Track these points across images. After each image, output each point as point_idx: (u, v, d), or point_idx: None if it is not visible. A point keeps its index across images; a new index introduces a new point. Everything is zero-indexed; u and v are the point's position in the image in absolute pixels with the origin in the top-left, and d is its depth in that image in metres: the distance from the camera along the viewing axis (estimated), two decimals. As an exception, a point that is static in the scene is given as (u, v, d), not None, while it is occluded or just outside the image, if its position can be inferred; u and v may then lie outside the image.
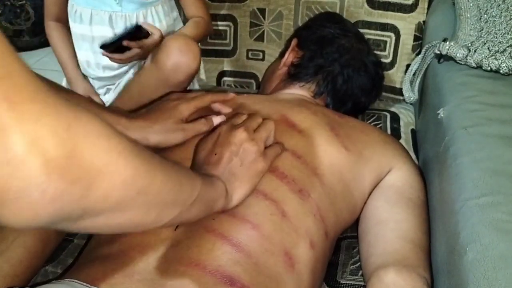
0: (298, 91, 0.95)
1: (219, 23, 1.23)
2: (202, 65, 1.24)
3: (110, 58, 1.03)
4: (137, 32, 1.01)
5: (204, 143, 0.69)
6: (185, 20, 1.16)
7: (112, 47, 1.00)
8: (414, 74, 1.04)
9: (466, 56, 0.86)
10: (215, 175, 0.62)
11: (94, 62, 1.12)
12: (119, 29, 1.08)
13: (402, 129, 1.06)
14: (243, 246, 0.60)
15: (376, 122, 1.08)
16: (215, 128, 0.72)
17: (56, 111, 0.34)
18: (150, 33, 1.02)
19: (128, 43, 1.00)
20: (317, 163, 0.73)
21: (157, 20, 1.11)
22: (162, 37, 1.02)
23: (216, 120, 0.77)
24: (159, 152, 0.76)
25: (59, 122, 0.34)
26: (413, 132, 1.06)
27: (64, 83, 1.19)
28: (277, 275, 0.61)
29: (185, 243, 0.60)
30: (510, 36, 0.87)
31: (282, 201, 0.67)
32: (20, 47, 2.68)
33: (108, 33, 1.07)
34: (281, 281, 0.61)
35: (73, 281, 0.57)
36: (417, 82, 1.03)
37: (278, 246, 0.63)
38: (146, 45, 1.01)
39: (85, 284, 0.56)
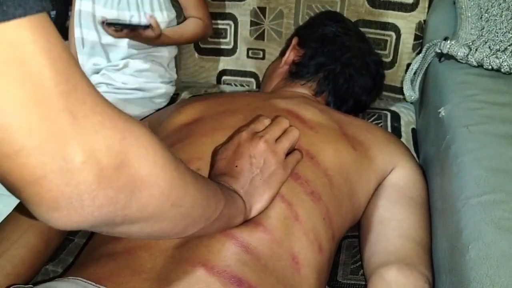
0: (299, 89, 0.95)
1: (220, 21, 1.23)
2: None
3: (105, 28, 1.03)
4: (141, 26, 1.02)
5: (224, 151, 0.67)
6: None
7: (112, 26, 1.02)
8: (414, 73, 1.03)
9: (467, 55, 0.85)
10: (236, 189, 0.62)
11: (80, 37, 1.14)
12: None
13: (402, 128, 1.06)
14: (252, 248, 0.60)
15: (376, 121, 1.08)
16: (235, 133, 0.71)
17: (114, 123, 0.36)
18: (150, 27, 1.01)
19: (127, 34, 1.01)
20: (328, 164, 0.73)
21: (158, 9, 1.11)
22: (159, 36, 1.03)
23: None
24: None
25: (115, 134, 0.36)
26: (414, 131, 1.06)
27: None
28: (284, 278, 0.60)
29: (194, 242, 0.59)
30: (511, 35, 0.87)
31: (296, 203, 0.66)
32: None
33: (108, 14, 1.07)
34: (288, 284, 0.60)
35: (78, 279, 0.56)
36: (418, 81, 1.03)
37: (287, 251, 0.62)
38: (140, 36, 1.02)
39: (90, 282, 0.55)
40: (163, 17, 1.10)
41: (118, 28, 1.01)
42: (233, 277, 0.56)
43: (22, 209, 0.78)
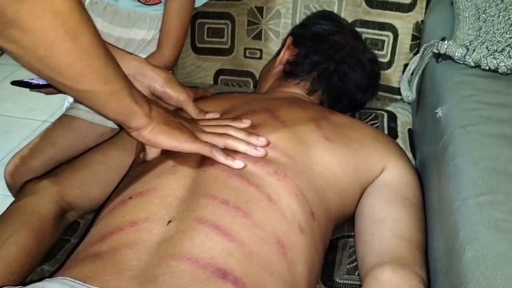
0: (292, 89, 0.95)
1: (217, 21, 1.23)
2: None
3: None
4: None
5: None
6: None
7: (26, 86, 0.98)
8: (412, 74, 1.03)
9: (465, 55, 0.85)
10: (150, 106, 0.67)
11: None
12: (109, 21, 1.07)
13: (399, 129, 1.06)
14: (236, 235, 0.60)
15: (373, 122, 1.08)
16: None
17: None
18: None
19: (39, 90, 0.99)
20: (288, 147, 0.73)
21: (146, 28, 1.10)
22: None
23: None
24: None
25: None
26: (410, 131, 1.06)
27: None
28: (270, 264, 0.60)
29: (178, 236, 0.59)
30: (508, 36, 0.86)
31: (263, 185, 0.67)
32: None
33: (97, 24, 1.07)
34: (274, 271, 0.60)
35: (65, 279, 0.56)
36: (415, 81, 1.03)
37: (270, 234, 0.62)
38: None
39: (77, 281, 0.55)
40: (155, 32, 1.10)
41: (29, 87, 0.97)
42: (217, 269, 0.56)
43: (14, 208, 0.78)
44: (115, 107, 0.63)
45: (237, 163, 0.68)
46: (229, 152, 0.70)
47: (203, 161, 0.70)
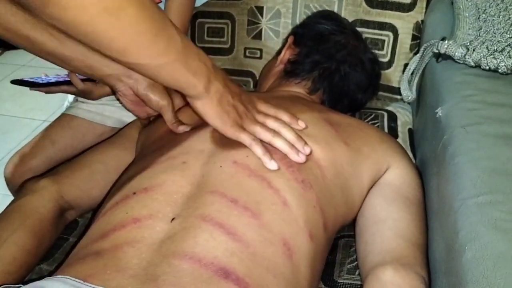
0: (294, 88, 0.95)
1: (217, 20, 1.23)
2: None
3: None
4: (65, 81, 0.96)
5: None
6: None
7: (36, 86, 0.97)
8: (412, 73, 1.03)
9: (465, 55, 0.85)
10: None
11: None
12: None
13: (399, 128, 1.06)
14: (241, 235, 0.59)
15: (373, 121, 1.08)
16: None
17: None
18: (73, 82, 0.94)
19: (39, 89, 0.97)
20: (320, 155, 0.73)
21: None
22: (83, 91, 0.95)
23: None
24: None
25: None
26: (410, 131, 1.06)
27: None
28: (274, 265, 0.60)
29: (181, 234, 0.59)
30: (508, 35, 0.86)
31: (284, 189, 0.66)
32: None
33: None
34: (278, 273, 0.60)
35: (65, 278, 0.56)
36: (415, 81, 1.03)
37: (277, 236, 0.62)
38: (64, 90, 0.97)
39: (77, 280, 0.55)
40: None
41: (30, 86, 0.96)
42: (220, 269, 0.56)
43: (14, 208, 0.78)
44: (166, 78, 0.62)
45: (272, 164, 0.68)
46: (269, 148, 0.70)
47: (219, 156, 0.69)
